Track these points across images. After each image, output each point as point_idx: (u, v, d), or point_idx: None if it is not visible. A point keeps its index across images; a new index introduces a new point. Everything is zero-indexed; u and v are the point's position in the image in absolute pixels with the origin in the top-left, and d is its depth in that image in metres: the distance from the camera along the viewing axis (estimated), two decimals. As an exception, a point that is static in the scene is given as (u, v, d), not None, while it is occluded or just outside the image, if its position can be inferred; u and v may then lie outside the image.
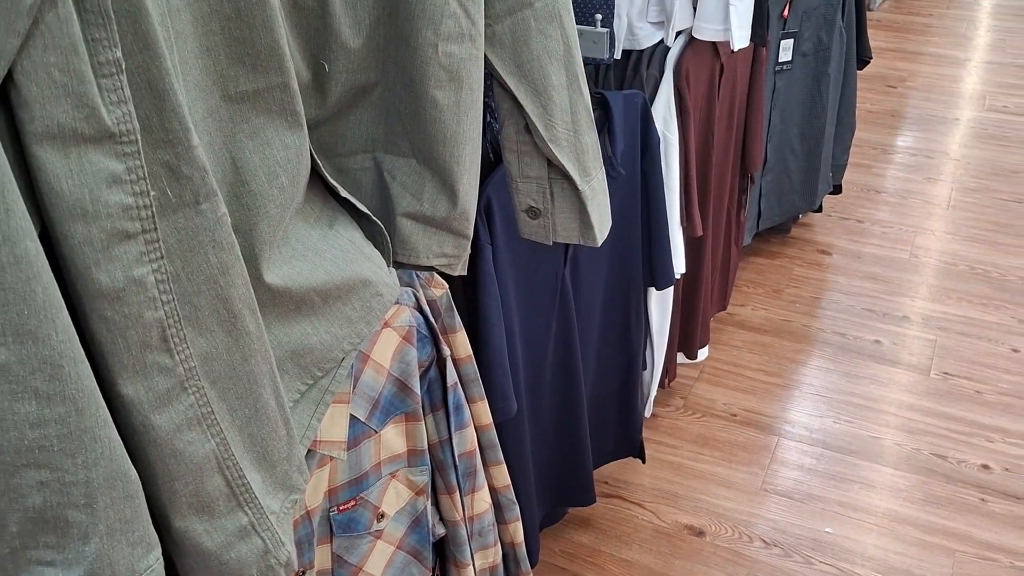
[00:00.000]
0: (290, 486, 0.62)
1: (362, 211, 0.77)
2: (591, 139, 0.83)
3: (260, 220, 0.64)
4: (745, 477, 1.95)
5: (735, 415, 2.11)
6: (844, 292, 2.54)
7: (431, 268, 0.86)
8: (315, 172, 0.73)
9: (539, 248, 1.32)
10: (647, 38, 1.59)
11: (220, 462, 0.53)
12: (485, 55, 0.78)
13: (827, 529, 1.82)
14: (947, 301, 2.49)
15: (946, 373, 2.23)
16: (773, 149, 2.42)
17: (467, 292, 1.21)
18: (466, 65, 0.74)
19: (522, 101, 0.79)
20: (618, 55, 1.59)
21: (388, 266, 0.80)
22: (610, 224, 0.89)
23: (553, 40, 0.77)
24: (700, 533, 1.82)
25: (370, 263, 0.76)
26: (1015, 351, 2.30)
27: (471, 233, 0.84)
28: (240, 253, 0.55)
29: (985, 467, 1.96)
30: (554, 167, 0.85)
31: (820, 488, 1.91)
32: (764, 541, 1.79)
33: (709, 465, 1.98)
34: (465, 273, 0.87)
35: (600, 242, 0.88)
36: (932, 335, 2.36)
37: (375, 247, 0.79)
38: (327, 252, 0.73)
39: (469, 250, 0.86)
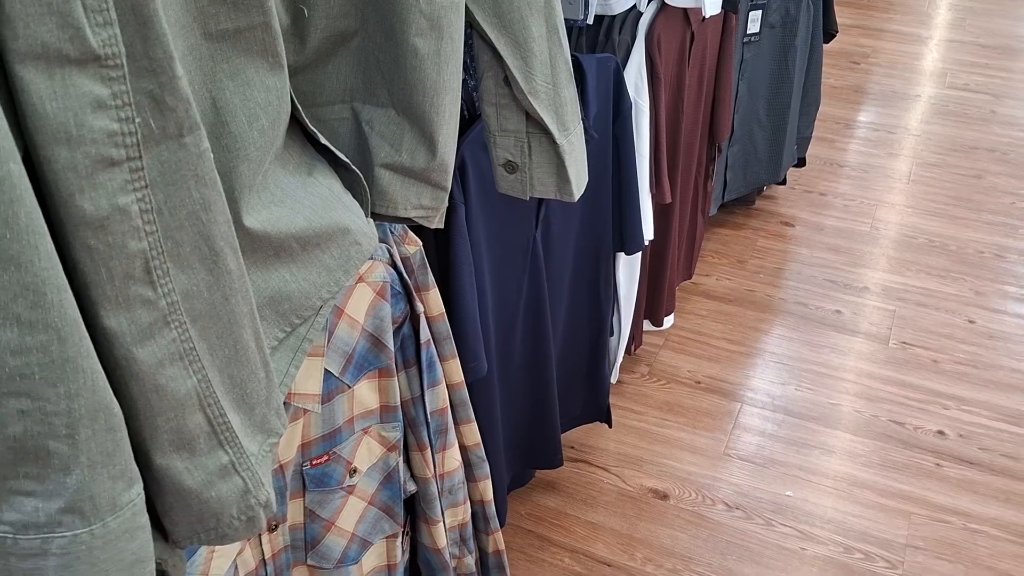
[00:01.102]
0: (269, 429, 0.61)
1: (341, 160, 0.77)
2: (570, 93, 0.83)
3: (240, 162, 0.64)
4: (708, 442, 1.98)
5: (699, 382, 2.14)
6: (806, 263, 2.58)
7: (409, 220, 0.86)
8: (294, 118, 0.73)
9: (511, 209, 1.32)
10: (620, 3, 1.59)
11: (201, 399, 0.53)
12: (466, 5, 0.78)
13: (787, 492, 1.85)
14: (906, 273, 2.54)
15: (904, 342, 2.28)
16: (740, 120, 2.44)
17: (440, 251, 1.21)
18: (447, 14, 0.73)
19: (502, 52, 0.78)
20: (591, 20, 1.59)
21: (367, 216, 0.80)
22: (587, 179, 0.90)
23: (533, -9, 0.76)
24: (664, 496, 1.84)
25: (349, 212, 0.76)
26: (971, 322, 2.35)
27: (449, 185, 0.84)
28: (222, 191, 0.54)
29: (940, 433, 2.01)
30: (532, 121, 0.85)
31: (781, 453, 1.95)
32: (726, 504, 1.83)
33: (673, 431, 2.00)
34: (442, 226, 0.87)
35: (577, 197, 0.88)
36: (891, 305, 2.41)
37: (354, 197, 0.79)
38: (306, 199, 0.72)
39: (447, 203, 0.86)
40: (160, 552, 0.57)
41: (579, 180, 0.88)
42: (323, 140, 0.73)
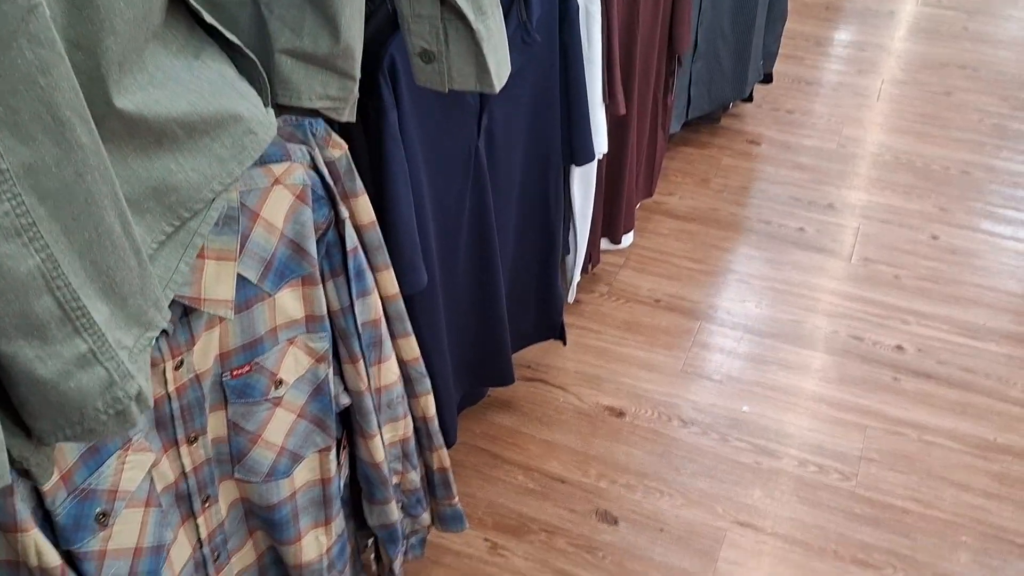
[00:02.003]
0: (146, 322, 0.58)
1: (234, 43, 0.71)
2: (483, -29, 0.78)
3: (105, 36, 0.58)
4: (667, 360, 1.96)
5: (659, 301, 2.12)
6: (771, 181, 2.54)
7: (316, 112, 0.81)
8: (177, -5, 0.67)
9: (450, 116, 1.27)
10: (568, -100, 1.51)
11: (48, 281, 0.49)
12: None
13: (744, 408, 1.85)
14: (871, 190, 2.51)
15: (866, 259, 2.26)
16: (703, 35, 2.37)
17: (371, 156, 1.16)
18: None
19: (406, -76, 0.73)
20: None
21: (266, 105, 0.75)
22: (509, 70, 0.85)
23: None
24: (620, 414, 1.83)
25: (243, 99, 0.71)
26: (934, 238, 2.33)
27: (357, 74, 0.79)
28: (64, 52, 0.49)
29: (899, 348, 2.00)
30: (447, 5, 0.80)
31: (739, 370, 1.94)
32: (682, 420, 1.82)
33: (631, 349, 1.99)
34: (353, 119, 0.83)
35: (498, 88, 0.84)
36: (855, 222, 2.38)
37: (251, 85, 0.74)
38: (191, 83, 0.67)
39: (356, 93, 0.81)
40: (21, 450, 0.53)
41: (500, 70, 0.83)
42: (208, 18, 0.68)
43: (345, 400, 1.10)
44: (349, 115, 0.81)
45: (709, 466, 1.72)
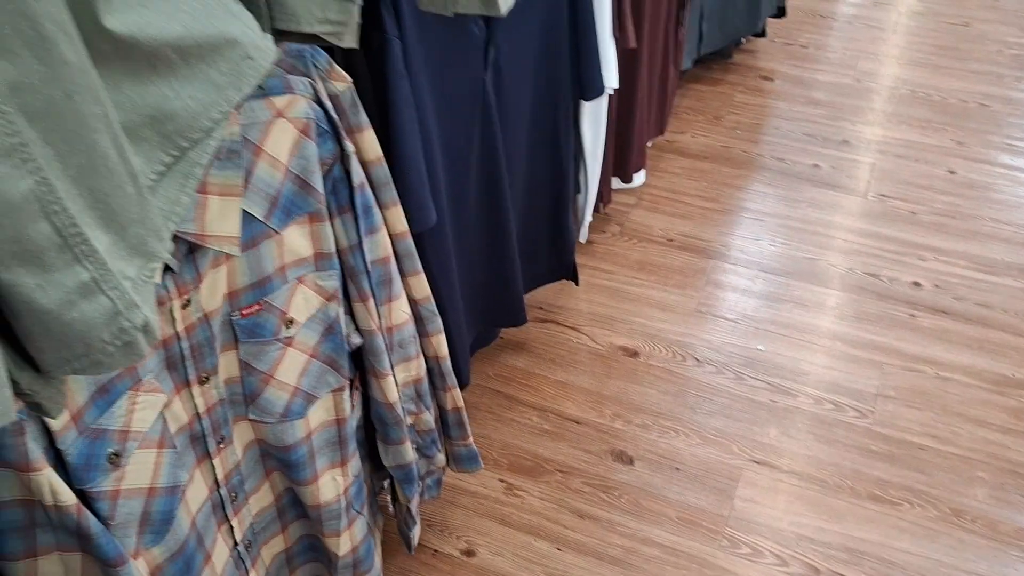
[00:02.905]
0: (148, 252, 0.56)
1: (228, -37, 0.68)
2: None
3: (92, -45, 0.55)
4: (680, 300, 1.94)
5: (672, 240, 2.09)
6: (785, 118, 2.49)
7: (316, 38, 0.78)
8: (167, -88, 0.64)
9: (456, 49, 1.24)
10: None
11: (43, 205, 0.47)
12: None
13: (759, 347, 1.83)
14: (887, 125, 2.46)
15: (882, 195, 2.22)
16: (715, -34, 2.31)
17: (376, 91, 1.13)
18: None
19: None
20: None
21: (264, 31, 0.72)
22: (516, -8, 0.82)
23: None
24: (634, 354, 1.82)
25: (238, 21, 0.68)
26: (951, 172, 2.29)
27: (358, -4, 0.76)
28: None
29: (916, 284, 1.97)
30: (450, -79, 0.76)
31: (753, 309, 1.92)
32: (697, 359, 1.81)
33: (644, 289, 1.97)
34: (356, 45, 0.80)
35: (504, 12, 0.80)
36: (870, 158, 2.34)
37: (247, 8, 0.71)
38: (184, 4, 0.64)
39: (357, 16, 0.78)
40: (30, 383, 0.52)
41: (506, -9, 0.80)
42: (201, -64, 0.65)
43: (356, 340, 1.09)
44: (351, 40, 0.78)
45: (724, 405, 1.71)
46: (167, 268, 0.83)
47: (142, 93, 0.62)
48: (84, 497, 0.80)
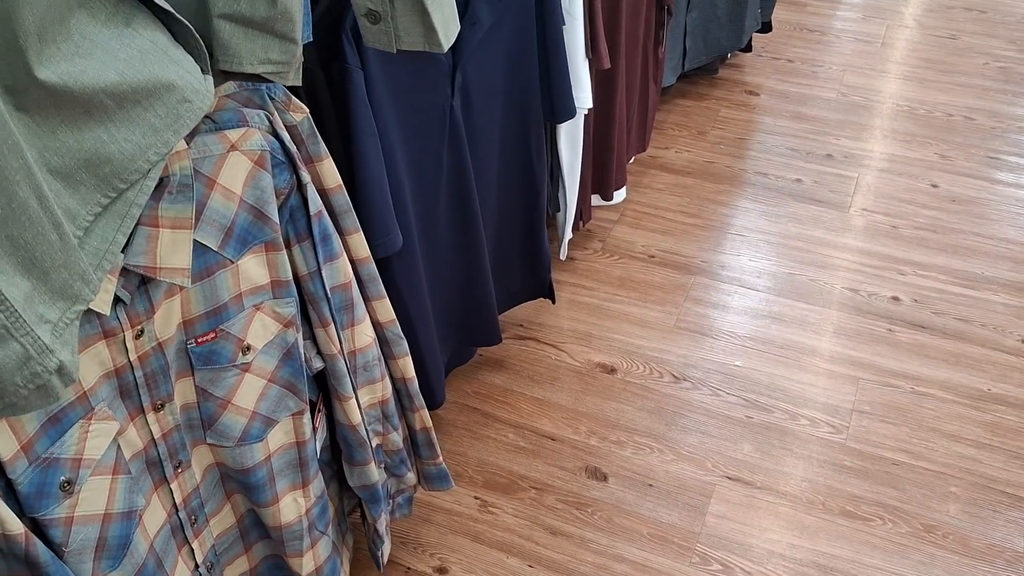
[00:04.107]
0: (72, 296, 0.58)
1: (166, 9, 0.70)
2: (422, -72, 0.76)
3: (21, 6, 0.58)
4: (659, 316, 1.95)
5: (653, 256, 2.11)
6: (769, 132, 2.50)
7: (259, 77, 0.80)
8: (103, -37, 0.66)
9: (421, 76, 1.26)
10: None
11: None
12: None
13: (737, 363, 1.84)
14: (871, 139, 2.47)
15: (865, 209, 2.23)
16: (698, -17, 2.33)
17: (340, 119, 1.15)
18: None
19: None
20: None
21: (205, 72, 0.74)
22: (457, 28, 0.84)
23: None
24: (612, 370, 1.83)
25: (176, 66, 0.70)
26: (934, 186, 2.30)
27: (299, 37, 0.78)
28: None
29: (895, 299, 1.98)
30: (388, -37, 0.78)
31: (732, 325, 1.93)
32: (674, 376, 1.82)
33: (624, 306, 1.98)
34: (299, 83, 0.82)
35: (446, 47, 0.82)
36: (853, 172, 2.35)
37: (188, 52, 0.73)
38: (120, 52, 0.66)
39: (300, 56, 0.80)
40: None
41: (447, 29, 0.82)
42: (134, -15, 0.67)
43: (318, 364, 1.11)
44: (294, 78, 0.80)
45: (700, 421, 1.73)
46: (119, 300, 0.85)
47: (78, 139, 0.64)
48: (37, 525, 0.82)
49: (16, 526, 0.77)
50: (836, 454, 1.66)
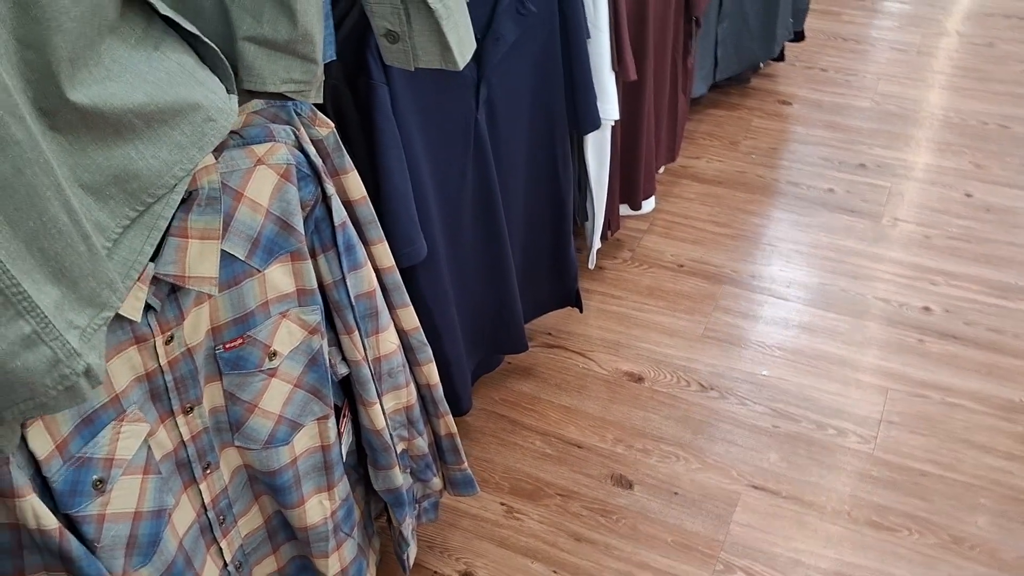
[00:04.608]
0: (100, 303, 0.61)
1: (193, 33, 0.74)
2: (437, -49, 0.79)
3: (53, 34, 0.62)
4: (687, 325, 1.97)
5: (682, 265, 2.12)
6: (802, 142, 2.50)
7: (282, 96, 0.84)
8: (135, -10, 0.70)
9: (446, 90, 1.29)
10: None
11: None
12: None
13: (764, 372, 1.85)
14: (905, 148, 2.46)
15: (897, 219, 2.22)
16: (729, -6, 2.34)
17: (365, 133, 1.19)
18: None
19: (355, -91, 0.75)
20: None
21: (230, 92, 0.78)
22: (473, 47, 0.86)
23: None
24: (639, 379, 1.85)
25: (202, 87, 0.74)
26: (968, 195, 2.28)
27: (319, 58, 0.81)
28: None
29: (926, 309, 1.97)
30: (406, -15, 0.81)
31: (761, 334, 1.93)
32: (701, 385, 1.83)
33: (653, 315, 2.00)
34: (320, 100, 0.85)
35: (461, 65, 0.85)
36: (886, 182, 2.34)
37: (214, 72, 0.77)
38: (149, 74, 0.70)
39: (321, 76, 0.83)
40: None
41: (462, 47, 0.85)
42: (164, 10, 0.71)
43: (343, 370, 1.14)
44: (316, 96, 0.84)
45: (726, 430, 1.73)
46: (149, 307, 0.89)
47: (107, 156, 0.68)
48: (71, 521, 0.87)
49: (51, 522, 0.81)
50: (863, 464, 1.65)
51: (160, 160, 0.71)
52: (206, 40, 0.75)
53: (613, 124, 1.77)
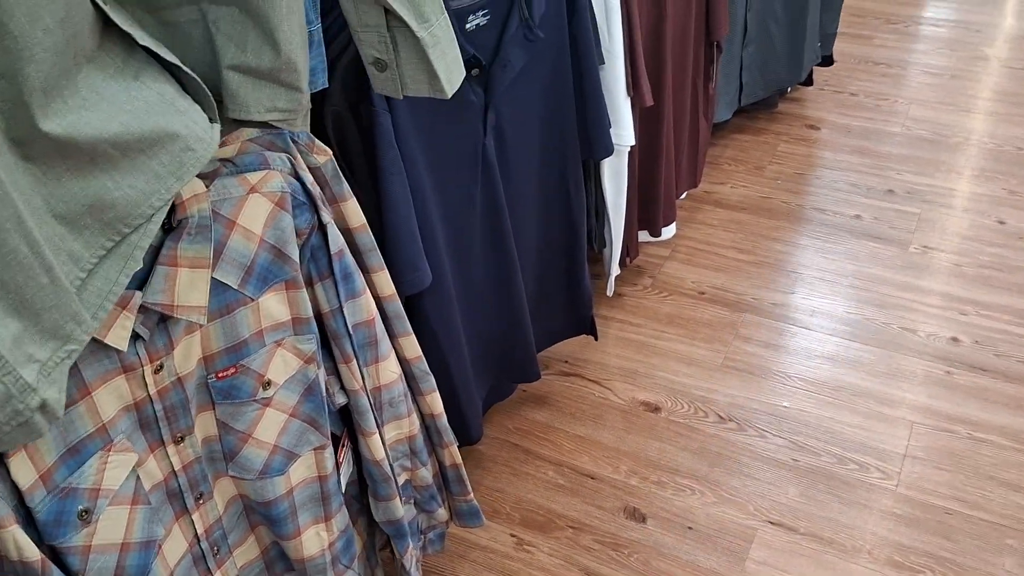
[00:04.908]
0: (64, 335, 0.61)
1: (173, 62, 0.74)
2: (421, -21, 0.78)
3: (26, 65, 0.61)
4: (707, 354, 1.93)
5: (703, 293, 2.08)
6: (829, 167, 2.46)
7: (267, 125, 0.83)
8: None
9: (453, 116, 1.28)
10: None
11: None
12: None
13: (784, 404, 1.80)
14: (935, 174, 2.40)
15: (925, 247, 2.17)
16: (754, 18, 2.31)
17: (368, 160, 1.18)
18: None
19: (337, -62, 0.74)
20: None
21: (213, 121, 0.77)
22: (462, 75, 0.85)
23: None
24: (655, 409, 1.81)
25: (182, 116, 0.73)
26: (1001, 223, 2.22)
27: (304, 86, 0.80)
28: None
29: (955, 340, 1.91)
30: (392, 14, 0.80)
31: (781, 363, 1.89)
32: (719, 416, 1.79)
33: (671, 343, 1.96)
34: (306, 128, 0.85)
35: (450, 94, 0.84)
36: (915, 208, 2.29)
37: (196, 101, 0.76)
38: (127, 104, 0.70)
39: (307, 104, 0.83)
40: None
41: (450, 76, 0.83)
42: (143, 41, 0.71)
43: (341, 399, 1.13)
44: (302, 124, 0.83)
45: (744, 463, 1.69)
46: (138, 336, 0.88)
47: (83, 186, 0.68)
48: (56, 552, 0.86)
49: (33, 553, 0.81)
50: (886, 501, 1.60)
51: (137, 190, 0.71)
52: (187, 70, 0.74)
53: (630, 150, 1.75)
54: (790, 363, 1.89)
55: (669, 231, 2.07)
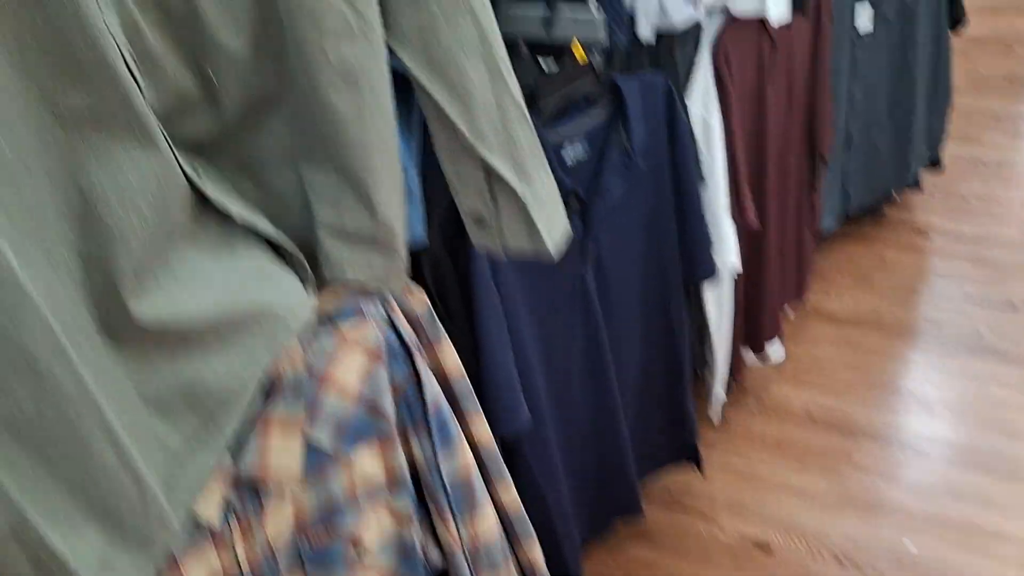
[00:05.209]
0: (148, 541, 0.56)
1: (271, 234, 0.71)
2: (525, 135, 0.74)
3: (117, 254, 0.59)
4: (821, 485, 1.80)
5: (813, 417, 1.96)
6: (942, 277, 2.33)
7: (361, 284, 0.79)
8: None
9: (551, 250, 1.23)
10: (679, 18, 1.46)
11: (17, 533, 0.48)
12: (396, 54, 0.71)
13: (911, 547, 1.65)
14: (1062, 284, 2.25)
15: (1057, 366, 2.00)
16: (857, 125, 2.23)
17: (464, 300, 1.14)
18: (362, 65, 0.67)
19: (440, 100, 0.71)
20: (651, 37, 1.48)
21: (308, 285, 0.74)
22: (565, 231, 0.80)
23: (466, 32, 0.69)
24: (767, 548, 1.68)
25: (276, 288, 0.70)
26: None
27: (401, 249, 0.77)
28: (34, 298, 0.49)
29: (1100, 472, 1.74)
30: (491, 171, 0.77)
31: (902, 499, 1.74)
32: (836, 557, 1.65)
33: (781, 472, 1.84)
34: (399, 288, 0.81)
35: (553, 251, 0.79)
36: (1042, 323, 2.13)
37: (292, 267, 0.73)
38: (220, 279, 0.67)
39: (404, 265, 0.79)
40: None
41: (552, 233, 0.79)
42: (239, 219, 0.68)
43: (438, 562, 1.06)
44: (397, 285, 0.79)
45: (868, 611, 1.54)
46: (228, 504, 0.84)
47: (174, 370, 0.65)
48: None
49: None
50: (1035, 662, 1.43)
51: (228, 367, 0.67)
52: (284, 240, 0.71)
53: (730, 273, 1.68)
54: (912, 498, 1.74)
55: (774, 348, 1.97)
